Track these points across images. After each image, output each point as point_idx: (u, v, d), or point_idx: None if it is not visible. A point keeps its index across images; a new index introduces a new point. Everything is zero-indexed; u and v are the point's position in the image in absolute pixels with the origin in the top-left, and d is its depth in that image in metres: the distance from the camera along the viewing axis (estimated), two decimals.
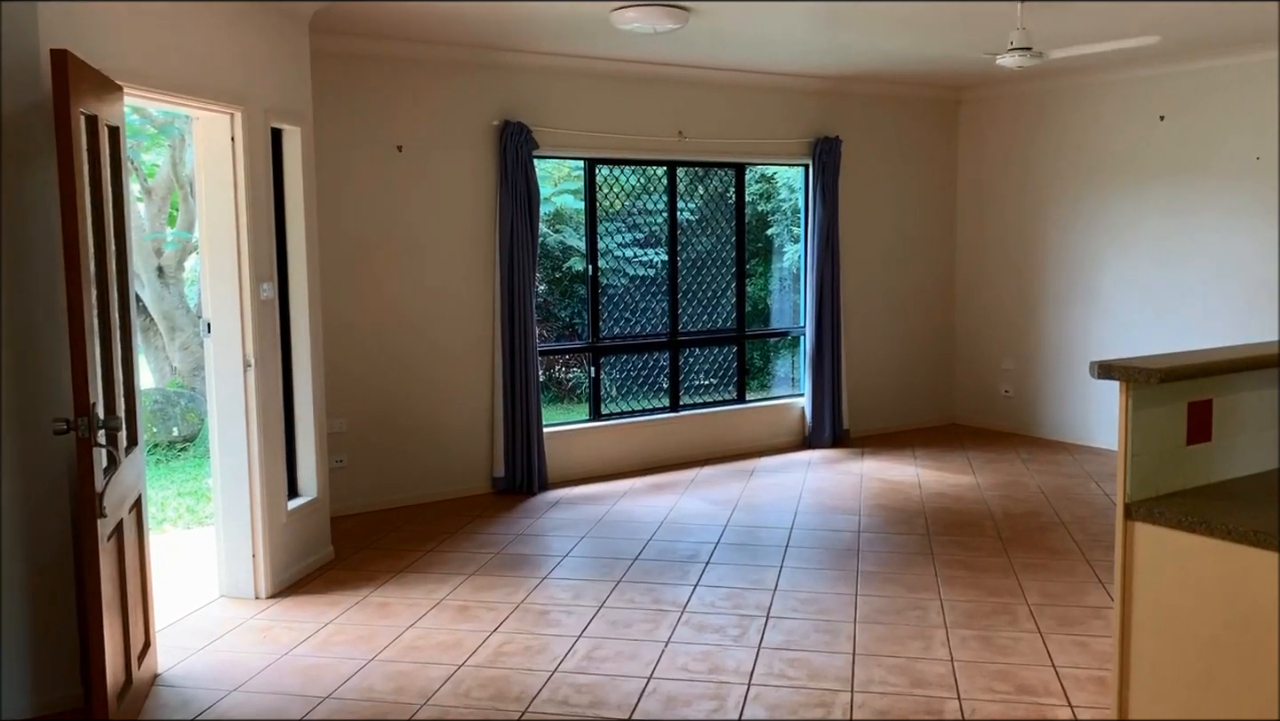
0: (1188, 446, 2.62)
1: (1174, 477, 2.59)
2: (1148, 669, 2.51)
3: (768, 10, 5.56)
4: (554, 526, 5.99)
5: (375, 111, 6.26)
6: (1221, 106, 6.98)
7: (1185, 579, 2.42)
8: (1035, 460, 7.46)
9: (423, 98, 6.40)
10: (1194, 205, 7.19)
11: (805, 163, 7.98)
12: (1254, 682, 2.29)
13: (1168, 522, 2.44)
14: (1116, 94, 7.57)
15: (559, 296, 9.55)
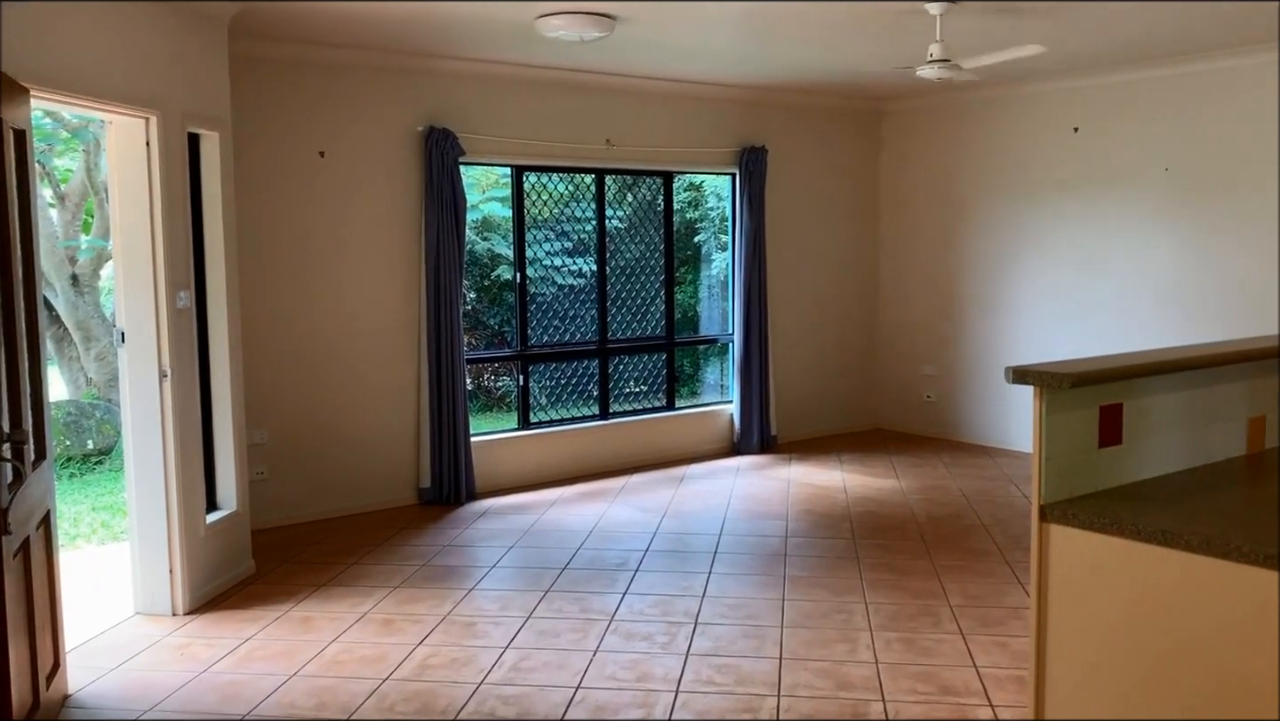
0: (1100, 449, 2.68)
1: (1087, 480, 2.65)
2: (1063, 668, 2.56)
3: (693, 20, 5.60)
4: (481, 537, 5.94)
5: (297, 117, 6.16)
6: (1132, 119, 7.21)
7: (1098, 579, 2.48)
8: (957, 464, 7.60)
9: (346, 103, 6.32)
10: (1107, 214, 7.40)
11: (732, 171, 8.04)
12: (1164, 680, 2.35)
13: (1080, 524, 2.49)
14: (1033, 106, 7.77)
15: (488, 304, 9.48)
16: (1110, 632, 2.45)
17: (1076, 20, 5.62)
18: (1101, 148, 7.40)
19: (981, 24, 5.63)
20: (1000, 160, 8.02)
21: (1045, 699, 2.61)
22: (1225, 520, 2.39)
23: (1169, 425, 2.83)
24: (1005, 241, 8.04)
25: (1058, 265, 7.72)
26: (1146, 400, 2.76)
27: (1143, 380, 2.74)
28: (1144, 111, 7.14)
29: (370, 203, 6.45)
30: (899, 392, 8.90)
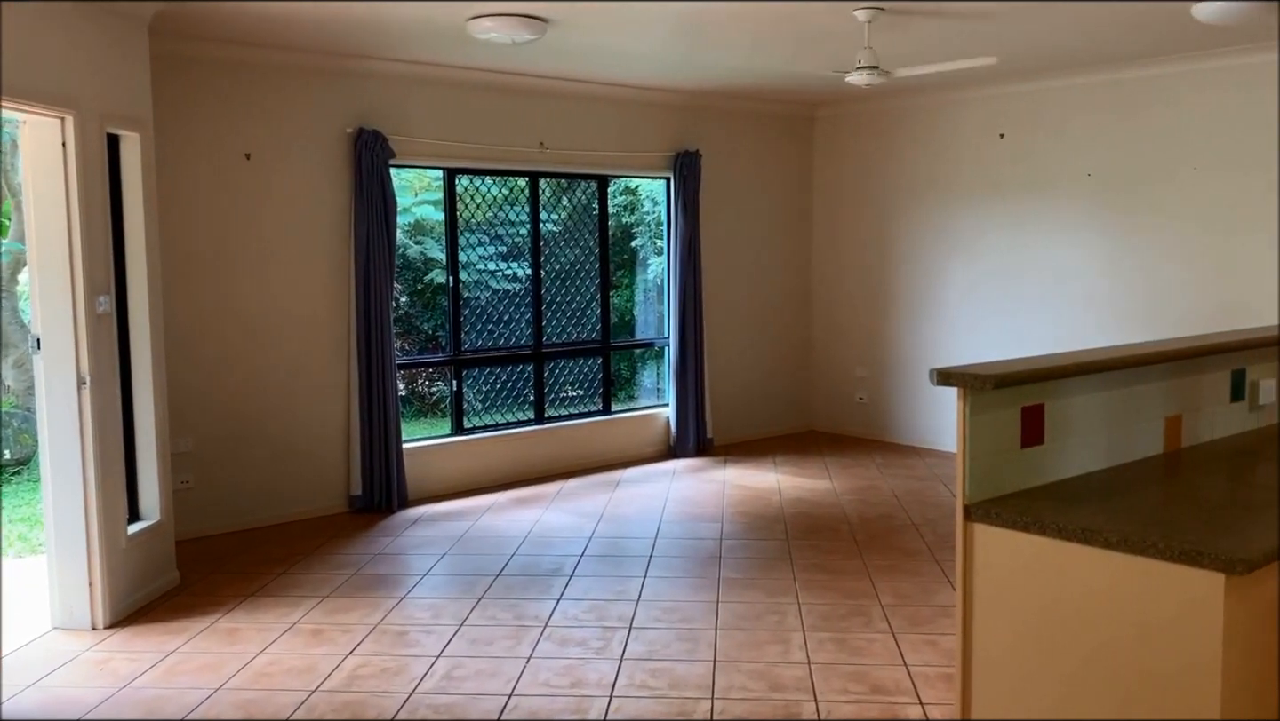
0: (1022, 449, 2.72)
1: (1010, 479, 2.69)
2: (989, 667, 2.60)
3: (625, 24, 5.60)
4: (414, 544, 5.87)
5: (222, 118, 6.04)
6: (1056, 125, 7.37)
7: (1021, 577, 2.52)
8: (889, 464, 7.70)
9: (273, 104, 6.21)
10: (1031, 218, 7.56)
11: (667, 175, 8.06)
12: (1087, 677, 2.39)
13: (1003, 523, 2.53)
14: (960, 112, 7.91)
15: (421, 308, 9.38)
16: (1034, 630, 2.49)
17: (1002, 28, 5.73)
18: (1026, 153, 7.56)
19: (910, 31, 5.71)
20: (929, 165, 8.15)
21: (972, 697, 2.64)
22: (1143, 517, 2.44)
23: (1089, 425, 2.88)
24: (934, 245, 8.17)
25: (985, 268, 7.86)
26: (1067, 400, 2.82)
27: (1063, 381, 2.80)
28: (1067, 118, 7.31)
29: (298, 205, 6.34)
30: (832, 394, 8.99)
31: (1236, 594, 2.17)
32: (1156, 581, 2.25)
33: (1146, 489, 2.75)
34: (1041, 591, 2.47)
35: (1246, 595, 2.20)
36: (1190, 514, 2.50)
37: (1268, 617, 2.28)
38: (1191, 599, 2.20)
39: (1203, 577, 2.18)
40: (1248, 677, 2.24)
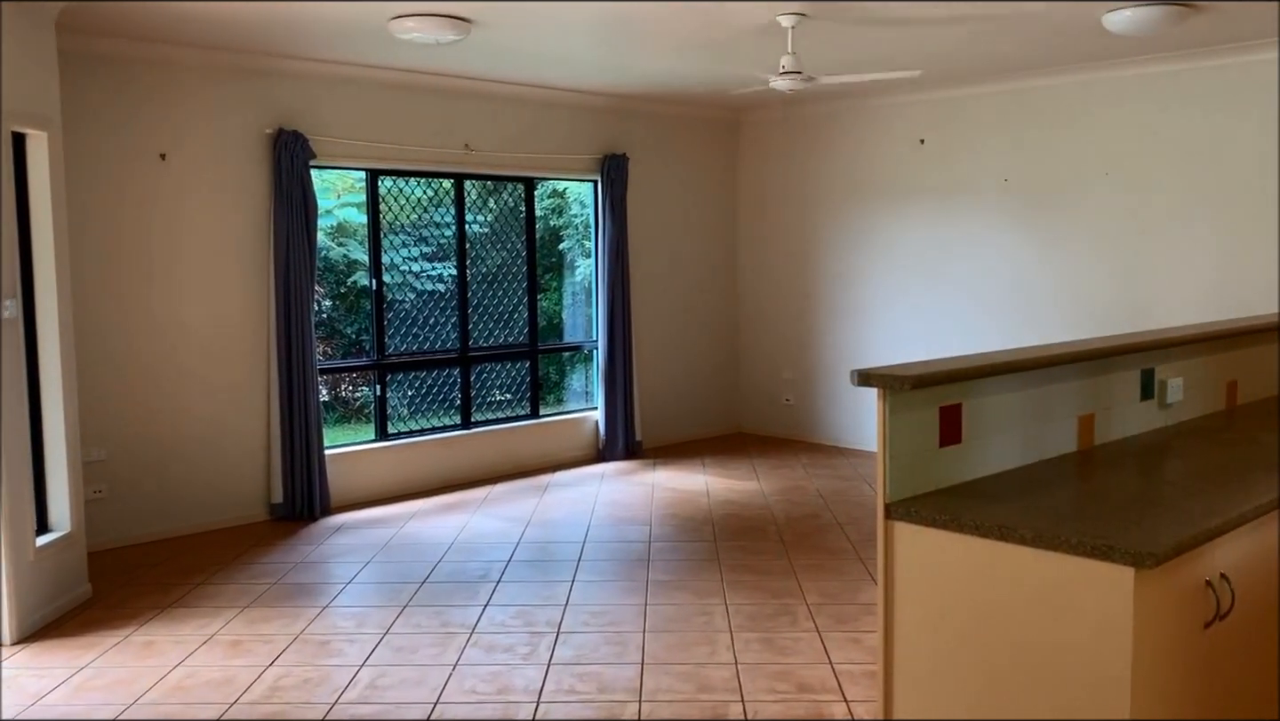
0: (941, 448, 2.77)
1: (929, 478, 2.73)
2: (910, 663, 2.63)
3: (550, 26, 5.58)
4: (337, 552, 5.77)
5: (136, 118, 5.87)
6: (974, 131, 7.53)
7: (941, 574, 2.56)
8: (815, 464, 7.78)
9: (189, 104, 6.06)
10: (951, 222, 7.71)
11: (594, 178, 8.05)
12: (1005, 672, 2.44)
13: (922, 521, 2.56)
14: (882, 118, 8.03)
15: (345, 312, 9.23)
16: (954, 627, 2.53)
17: (922, 36, 5.83)
18: (946, 158, 7.71)
19: (833, 37, 5.78)
20: (852, 170, 8.27)
21: (894, 694, 2.67)
22: (1057, 514, 2.50)
23: (1006, 424, 2.94)
24: (859, 248, 8.28)
25: (908, 271, 7.99)
26: (984, 400, 2.87)
27: (980, 381, 2.85)
28: (985, 124, 7.47)
29: (215, 207, 6.19)
30: (760, 396, 9.06)
31: (1146, 587, 2.23)
32: (1070, 576, 2.31)
33: (1061, 486, 2.81)
34: (960, 588, 2.51)
35: (1156, 588, 2.26)
36: (1102, 510, 2.56)
37: (1176, 610, 2.35)
38: (1103, 593, 2.25)
39: (1113, 572, 2.23)
40: (1159, 670, 2.30)
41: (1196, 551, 2.37)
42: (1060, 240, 7.16)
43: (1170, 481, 2.92)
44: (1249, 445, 3.28)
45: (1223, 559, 2.49)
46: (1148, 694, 2.28)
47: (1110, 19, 5.32)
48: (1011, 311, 7.40)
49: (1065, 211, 7.13)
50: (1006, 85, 7.28)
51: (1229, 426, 3.60)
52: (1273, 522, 2.70)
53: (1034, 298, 7.30)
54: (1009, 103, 7.33)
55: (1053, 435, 3.11)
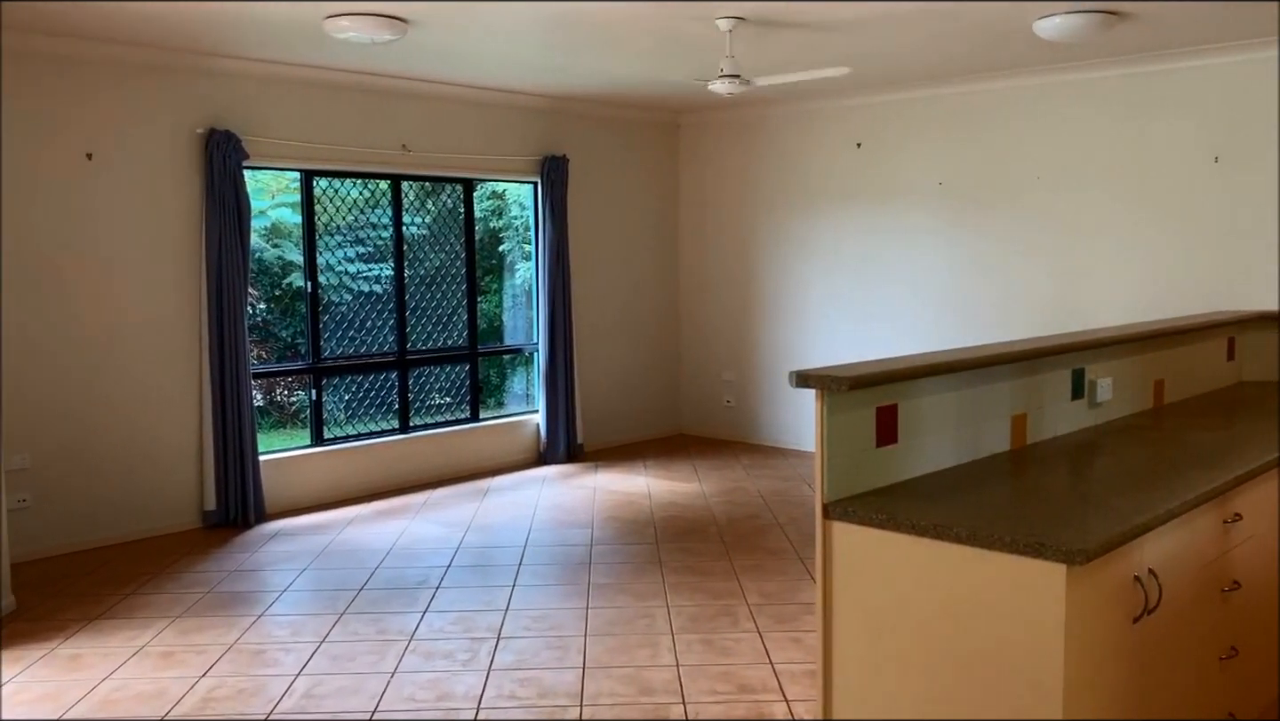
0: (878, 448, 2.79)
1: (867, 478, 2.76)
2: (849, 662, 2.65)
3: (488, 26, 5.54)
4: (272, 560, 5.66)
5: (61, 117, 5.71)
6: (909, 135, 7.63)
7: (878, 573, 2.58)
8: (755, 465, 7.82)
9: (117, 102, 5.91)
10: (888, 225, 7.80)
11: (534, 180, 8.01)
12: (939, 669, 2.46)
13: (860, 520, 2.59)
14: (819, 122, 8.11)
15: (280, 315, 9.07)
16: (891, 625, 2.56)
17: (858, 41, 5.89)
18: (882, 162, 7.80)
19: (771, 41, 5.82)
20: (791, 172, 8.33)
21: (833, 692, 2.69)
22: (990, 512, 2.53)
23: (941, 424, 2.98)
24: (797, 250, 8.35)
25: (846, 273, 8.08)
26: (920, 401, 2.90)
27: (916, 382, 2.88)
28: (920, 129, 7.58)
29: (145, 208, 6.05)
30: (701, 398, 9.09)
31: (1077, 583, 2.27)
32: (1003, 574, 2.34)
33: (994, 484, 2.86)
34: (897, 586, 2.54)
35: (1086, 584, 2.30)
36: (1035, 508, 2.60)
37: (1107, 605, 2.39)
38: (1036, 589, 2.29)
39: (1045, 569, 2.27)
40: (1090, 664, 2.34)
41: (1125, 548, 2.42)
42: (995, 243, 7.29)
43: (1100, 479, 2.97)
44: (1175, 443, 3.37)
45: (1150, 555, 2.54)
46: (1080, 687, 2.32)
47: (1041, 25, 5.43)
48: (948, 313, 7.52)
49: (999, 214, 7.26)
50: (941, 90, 7.39)
51: (1156, 425, 3.69)
52: (1197, 518, 2.76)
53: (970, 299, 7.42)
54: (943, 107, 7.44)
55: (986, 435, 3.16)
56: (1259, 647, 3.24)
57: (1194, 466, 2.99)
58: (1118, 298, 6.68)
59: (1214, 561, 2.89)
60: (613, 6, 5.11)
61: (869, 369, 2.76)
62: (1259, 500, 3.13)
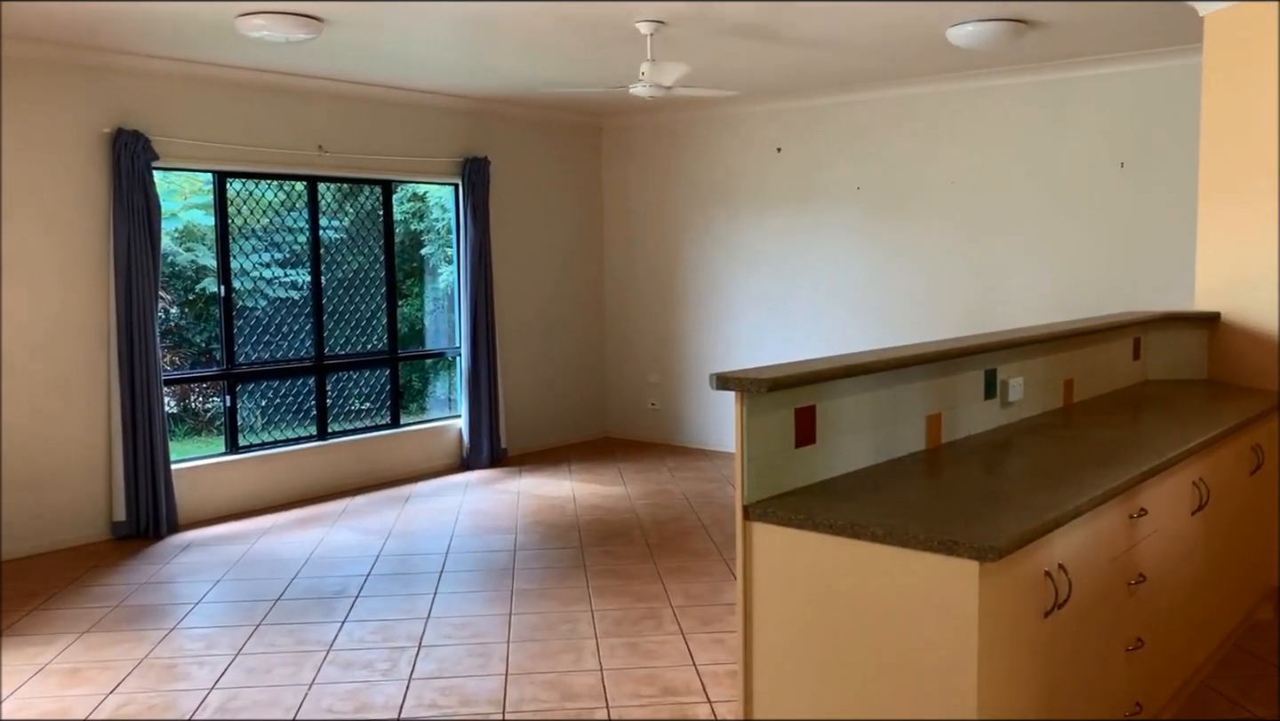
0: (797, 449, 2.81)
1: (786, 478, 2.77)
2: (769, 661, 2.67)
3: (405, 26, 5.47)
4: (185, 571, 5.51)
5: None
6: (828, 140, 7.73)
7: (797, 573, 2.60)
8: (680, 467, 7.85)
9: (17, 101, 5.69)
10: (810, 229, 7.90)
11: (455, 182, 7.94)
12: (857, 667, 2.49)
13: (779, 521, 2.60)
14: (741, 126, 8.17)
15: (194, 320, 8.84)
16: (810, 624, 2.57)
17: (775, 47, 5.95)
18: (802, 166, 7.89)
19: (691, 46, 5.84)
20: (714, 176, 8.38)
21: (753, 693, 2.70)
22: (906, 511, 2.57)
23: (858, 424, 3.01)
24: (721, 254, 8.40)
25: (769, 276, 8.15)
26: (838, 401, 2.93)
27: (833, 383, 2.91)
28: (838, 134, 7.68)
29: (49, 210, 5.84)
30: (626, 401, 9.09)
31: (989, 579, 2.31)
32: (918, 571, 2.37)
33: (910, 483, 2.90)
34: (816, 586, 2.56)
35: (998, 580, 2.34)
36: (948, 506, 2.64)
37: (1018, 600, 2.44)
38: (950, 586, 2.32)
39: (959, 566, 2.30)
40: (1003, 659, 2.39)
41: (1036, 544, 2.47)
42: (912, 246, 7.42)
43: (1012, 477, 3.04)
44: (1084, 441, 3.45)
45: (1060, 550, 2.60)
46: (993, 681, 2.36)
47: (954, 33, 5.54)
48: (869, 315, 7.63)
49: (916, 218, 7.39)
50: (859, 96, 7.50)
51: (1066, 423, 3.79)
52: (1105, 514, 2.84)
53: (890, 301, 7.54)
54: (861, 113, 7.55)
55: (903, 434, 3.20)
56: (1164, 638, 3.34)
57: (1101, 463, 3.07)
58: (1031, 299, 6.85)
59: (1121, 555, 2.97)
60: (530, 7, 5.08)
61: (788, 370, 2.78)
62: (1163, 495, 3.23)
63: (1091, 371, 4.32)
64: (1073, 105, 6.67)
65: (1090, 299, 6.53)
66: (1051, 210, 6.81)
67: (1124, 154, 6.50)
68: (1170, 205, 6.29)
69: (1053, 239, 6.81)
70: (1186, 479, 3.41)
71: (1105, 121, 6.55)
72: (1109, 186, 6.57)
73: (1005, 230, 7.00)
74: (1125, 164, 6.49)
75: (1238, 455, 3.90)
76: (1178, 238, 6.16)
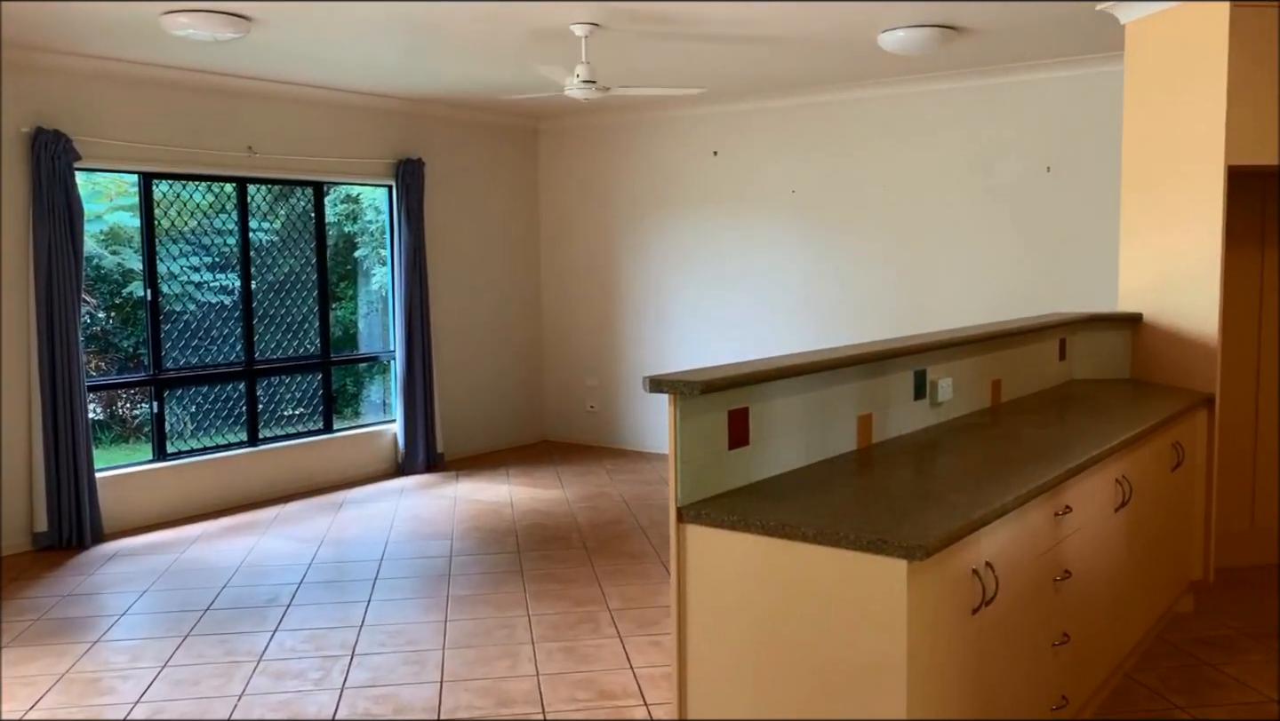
0: (730, 451, 2.83)
1: (719, 480, 2.79)
2: (703, 663, 2.67)
3: (336, 25, 5.39)
4: (110, 582, 5.37)
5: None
6: (762, 144, 7.79)
7: (730, 574, 2.61)
8: (618, 470, 7.84)
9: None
10: (745, 232, 7.95)
11: (389, 183, 7.85)
12: (790, 666, 2.51)
13: (712, 522, 2.61)
14: (677, 129, 8.20)
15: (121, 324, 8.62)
16: (743, 625, 2.59)
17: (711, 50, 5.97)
18: (737, 170, 7.94)
19: (627, 49, 5.85)
20: (651, 179, 8.40)
21: (688, 694, 2.71)
22: (836, 511, 2.59)
23: (791, 425, 3.04)
24: (658, 256, 8.42)
25: (706, 278, 8.18)
26: (770, 403, 2.95)
27: (766, 385, 2.93)
28: (773, 137, 7.75)
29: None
30: (564, 404, 9.07)
31: (918, 578, 2.34)
32: (849, 571, 2.39)
33: (841, 484, 2.92)
34: (749, 586, 2.57)
35: (927, 578, 2.37)
36: (878, 506, 2.67)
37: (946, 598, 2.48)
38: (879, 585, 2.35)
39: (888, 565, 2.33)
40: (932, 656, 2.42)
41: (963, 542, 2.51)
42: (846, 248, 7.50)
43: (940, 476, 3.08)
44: (1011, 440, 3.52)
45: (987, 548, 2.65)
46: (923, 677, 2.39)
47: (885, 39, 5.62)
48: (805, 317, 7.70)
49: (850, 221, 7.47)
50: (793, 100, 7.57)
51: (994, 423, 3.85)
52: (1030, 512, 2.89)
53: (825, 303, 7.61)
54: (795, 117, 7.62)
55: (834, 435, 3.23)
56: (1089, 633, 3.42)
57: (1027, 462, 3.13)
58: (962, 301, 6.96)
59: (1046, 552, 3.03)
60: (464, 7, 5.05)
61: (721, 373, 2.79)
62: (1087, 493, 3.30)
63: (1019, 372, 4.40)
64: (1001, 111, 6.80)
65: (1019, 300, 6.66)
66: (981, 214, 6.93)
67: (1051, 159, 6.64)
68: (1095, 209, 6.44)
69: (983, 242, 6.93)
70: (1110, 476, 3.49)
71: (1032, 127, 6.69)
72: (1036, 191, 6.71)
73: (937, 233, 7.11)
74: (1052, 169, 6.63)
75: (1159, 452, 4.00)
76: (1103, 240, 6.31)
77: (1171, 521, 4.25)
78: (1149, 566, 3.99)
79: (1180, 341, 4.64)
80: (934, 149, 7.07)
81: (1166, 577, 4.25)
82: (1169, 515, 4.20)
